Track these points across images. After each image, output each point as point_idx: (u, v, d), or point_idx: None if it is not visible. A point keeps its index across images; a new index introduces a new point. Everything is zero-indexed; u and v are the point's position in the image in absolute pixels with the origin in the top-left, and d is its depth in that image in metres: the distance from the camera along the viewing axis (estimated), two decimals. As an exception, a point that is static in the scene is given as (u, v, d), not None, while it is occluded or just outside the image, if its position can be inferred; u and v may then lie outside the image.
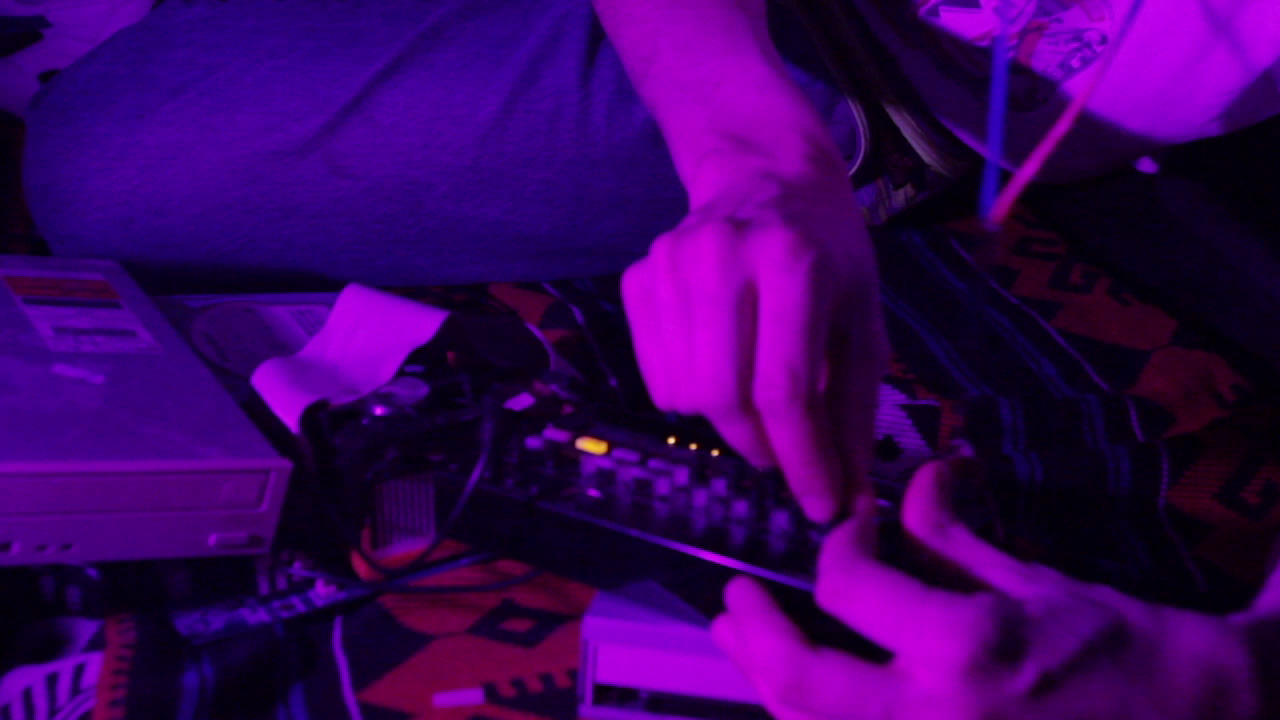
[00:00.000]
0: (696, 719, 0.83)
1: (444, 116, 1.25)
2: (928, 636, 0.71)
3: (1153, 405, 1.11)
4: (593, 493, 0.87)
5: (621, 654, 0.83)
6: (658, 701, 0.84)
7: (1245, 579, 0.97)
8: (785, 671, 0.73)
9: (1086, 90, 0.94)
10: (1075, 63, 1.13)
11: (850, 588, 0.74)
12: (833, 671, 0.73)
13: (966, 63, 1.17)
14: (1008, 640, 0.71)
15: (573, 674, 0.87)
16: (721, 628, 0.77)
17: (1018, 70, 1.15)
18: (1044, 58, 1.14)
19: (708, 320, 0.77)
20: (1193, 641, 0.73)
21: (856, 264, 0.80)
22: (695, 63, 0.93)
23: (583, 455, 0.89)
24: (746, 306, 0.77)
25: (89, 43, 1.37)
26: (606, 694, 0.84)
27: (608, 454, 0.89)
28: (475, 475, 0.86)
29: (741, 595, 0.77)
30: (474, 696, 0.87)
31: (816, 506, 0.80)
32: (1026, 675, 0.71)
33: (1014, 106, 1.17)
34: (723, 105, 0.90)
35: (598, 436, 0.91)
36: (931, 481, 0.79)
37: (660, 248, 0.79)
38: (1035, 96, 1.16)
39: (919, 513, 0.78)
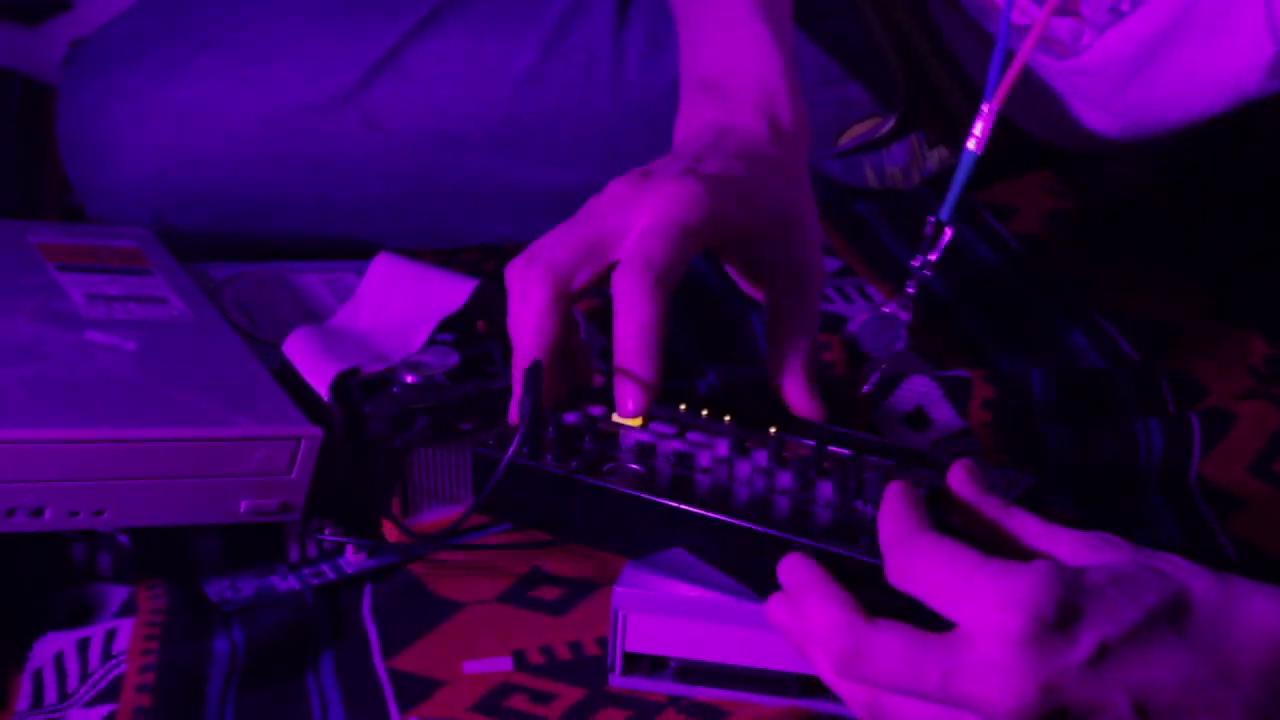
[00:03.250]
0: (726, 688, 0.84)
1: (477, 70, 1.25)
2: (985, 607, 0.71)
3: (1185, 377, 1.11)
4: (634, 466, 0.86)
5: (651, 623, 0.83)
6: (687, 670, 0.84)
7: (1278, 552, 0.97)
8: (844, 641, 0.73)
9: None
10: (1125, 5, 1.12)
11: (913, 563, 0.74)
12: (891, 641, 0.73)
13: (1011, 9, 1.16)
14: (1064, 609, 0.70)
15: (602, 642, 0.87)
16: (775, 604, 0.77)
17: (1065, 13, 1.14)
18: (1093, 1, 1.12)
19: (576, 228, 0.89)
20: (1261, 612, 0.72)
21: (775, 204, 0.92)
22: None
23: (620, 429, 0.88)
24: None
25: (118, 10, 1.37)
26: (636, 663, 0.84)
27: (645, 427, 0.88)
28: (511, 450, 0.85)
29: (796, 569, 0.77)
30: (503, 664, 0.88)
31: (629, 397, 0.86)
32: (1085, 644, 0.70)
33: (1056, 53, 1.16)
34: (706, 47, 1.00)
35: None
36: (971, 474, 0.79)
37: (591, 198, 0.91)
38: (1080, 41, 1.14)
39: (975, 495, 0.79)
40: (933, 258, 1.01)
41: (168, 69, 1.24)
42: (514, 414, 0.88)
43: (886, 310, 1.03)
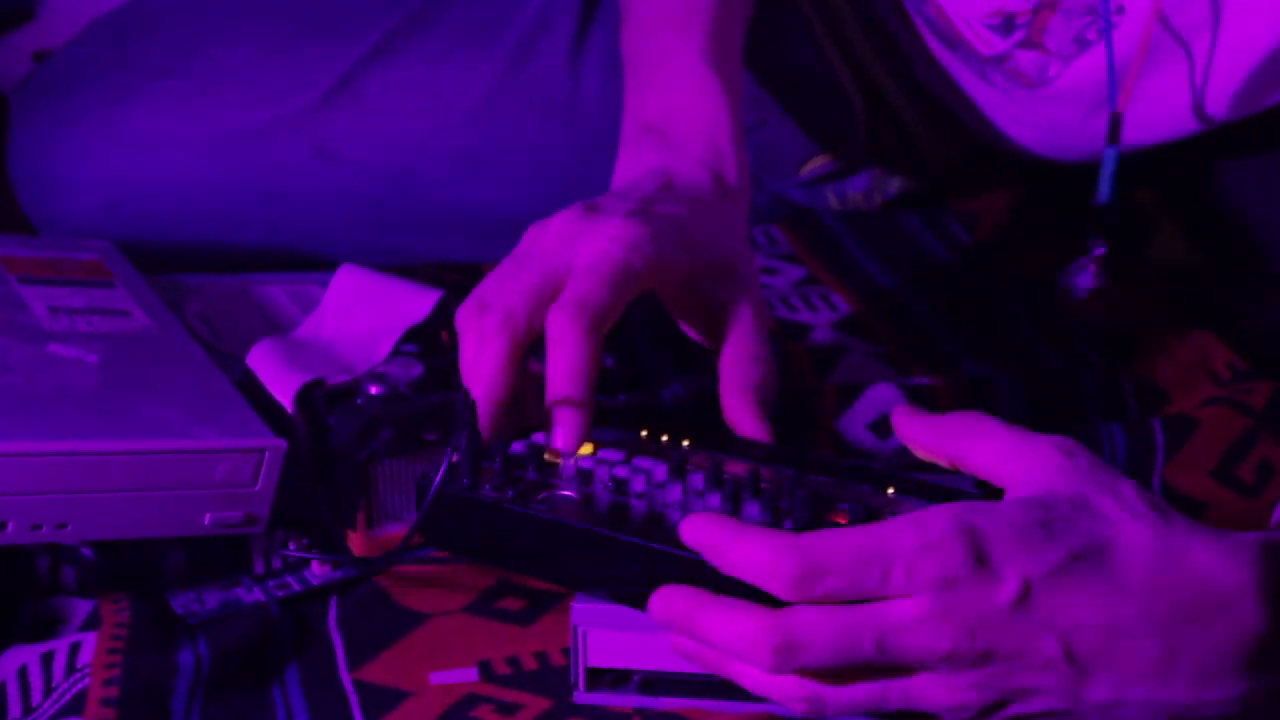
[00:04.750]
0: (691, 699, 0.84)
1: (432, 100, 1.25)
2: (898, 562, 0.71)
3: (1148, 383, 1.11)
4: (567, 493, 0.85)
5: (611, 637, 0.83)
6: (651, 682, 0.84)
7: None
8: (769, 637, 0.73)
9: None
10: (1091, 35, 1.12)
11: (822, 549, 0.73)
12: (817, 619, 0.72)
13: (976, 41, 1.17)
14: (981, 547, 0.71)
15: (567, 652, 0.87)
16: (679, 638, 0.77)
17: (1030, 46, 1.14)
18: (1057, 34, 1.13)
19: (526, 270, 0.89)
20: (1196, 559, 0.73)
21: (718, 250, 0.92)
22: (649, 33, 1.03)
23: (564, 456, 0.87)
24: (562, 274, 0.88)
25: (83, 22, 1.37)
26: (599, 678, 0.84)
27: (593, 454, 0.87)
28: (438, 479, 0.84)
29: (673, 600, 0.76)
30: (469, 675, 0.88)
31: (559, 434, 0.86)
32: (1009, 583, 0.71)
33: (1024, 84, 1.16)
34: (654, 91, 1.00)
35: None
36: (915, 412, 0.80)
37: (534, 228, 0.92)
38: (1047, 73, 1.15)
39: (931, 424, 0.80)
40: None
41: (117, 99, 1.24)
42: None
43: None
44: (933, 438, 0.80)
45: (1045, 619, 0.72)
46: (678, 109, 0.99)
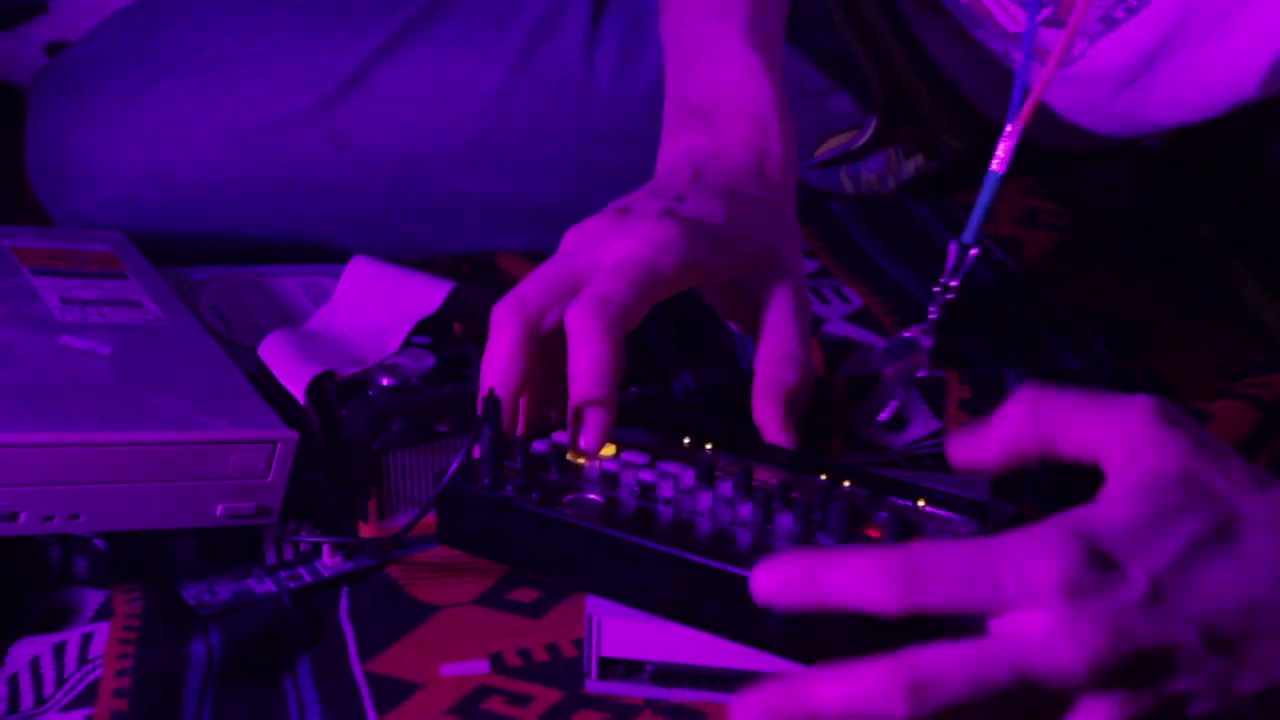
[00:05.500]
0: (702, 690, 0.84)
1: (445, 89, 1.25)
2: (1009, 569, 0.68)
3: (1159, 378, 1.11)
4: (593, 497, 0.84)
5: (626, 628, 0.83)
6: (663, 674, 0.84)
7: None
8: (897, 680, 0.67)
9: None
10: (1120, 13, 1.12)
11: (922, 571, 0.68)
12: (941, 650, 0.67)
13: (1002, 16, 1.16)
14: (1098, 549, 0.68)
15: (578, 644, 0.87)
16: None
17: (1054, 24, 1.14)
18: (1085, 12, 1.12)
19: (554, 263, 0.89)
20: None
21: (756, 245, 0.91)
22: (688, 20, 1.02)
23: (588, 457, 0.86)
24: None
25: (94, 14, 1.37)
26: (612, 667, 0.84)
27: (616, 456, 0.86)
28: (450, 473, 0.84)
29: (772, 698, 0.69)
30: (480, 666, 0.88)
31: (582, 434, 0.85)
32: (1137, 580, 0.68)
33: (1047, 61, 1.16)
34: (696, 74, 1.00)
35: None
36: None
37: (570, 231, 0.91)
38: (1072, 51, 1.15)
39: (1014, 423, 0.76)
40: (954, 283, 1.01)
41: (134, 91, 1.24)
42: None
43: (907, 335, 1.02)
44: (1005, 441, 0.75)
45: (1181, 611, 0.68)
46: (720, 90, 0.98)
